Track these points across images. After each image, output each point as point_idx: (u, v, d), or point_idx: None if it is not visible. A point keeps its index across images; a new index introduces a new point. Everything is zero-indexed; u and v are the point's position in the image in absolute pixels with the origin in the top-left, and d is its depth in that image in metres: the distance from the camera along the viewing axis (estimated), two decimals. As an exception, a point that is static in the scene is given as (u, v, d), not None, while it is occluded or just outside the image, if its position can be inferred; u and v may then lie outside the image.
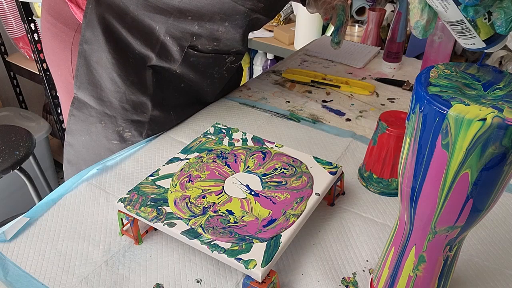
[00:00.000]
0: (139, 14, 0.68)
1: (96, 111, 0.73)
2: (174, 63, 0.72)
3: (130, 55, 0.70)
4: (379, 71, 1.02)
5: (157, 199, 0.54)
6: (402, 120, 0.59)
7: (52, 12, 0.73)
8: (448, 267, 0.40)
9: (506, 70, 0.36)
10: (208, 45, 0.72)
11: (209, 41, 0.71)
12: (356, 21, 1.54)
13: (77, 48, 0.71)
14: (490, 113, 0.28)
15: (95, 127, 0.74)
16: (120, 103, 0.72)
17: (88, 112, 0.74)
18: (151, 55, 0.70)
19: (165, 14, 0.67)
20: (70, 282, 0.49)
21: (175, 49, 0.71)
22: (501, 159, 0.30)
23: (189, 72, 0.75)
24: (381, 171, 0.61)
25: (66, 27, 0.72)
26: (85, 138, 0.76)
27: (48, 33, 0.75)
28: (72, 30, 0.71)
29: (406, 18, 0.96)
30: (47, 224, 0.57)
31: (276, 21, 1.76)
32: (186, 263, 0.52)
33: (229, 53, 0.77)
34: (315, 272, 0.50)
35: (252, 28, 0.73)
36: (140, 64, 0.71)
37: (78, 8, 0.69)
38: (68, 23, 0.71)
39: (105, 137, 0.74)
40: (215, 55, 0.75)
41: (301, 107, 0.86)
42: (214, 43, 0.72)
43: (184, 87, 0.79)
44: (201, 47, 0.72)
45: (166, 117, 0.77)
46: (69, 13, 0.71)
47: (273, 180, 0.57)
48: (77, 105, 0.74)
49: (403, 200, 0.38)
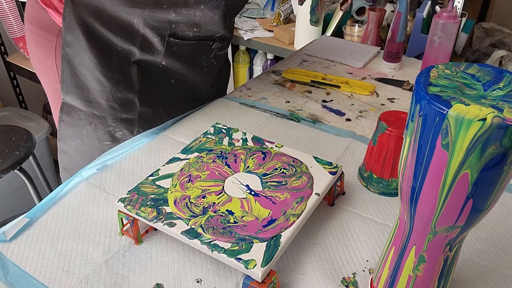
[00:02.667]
0: (115, 11, 0.68)
1: (85, 113, 0.73)
2: (157, 54, 0.72)
3: (112, 53, 0.70)
4: (379, 71, 1.02)
5: (157, 199, 0.54)
6: (402, 120, 0.59)
7: (33, 21, 0.73)
8: (448, 267, 0.40)
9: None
10: (189, 32, 0.72)
11: (188, 27, 0.71)
12: (356, 21, 1.54)
13: (61, 53, 0.71)
14: (490, 113, 0.28)
15: (86, 130, 0.74)
16: (107, 102, 0.72)
17: (77, 116, 0.74)
18: (133, 49, 0.71)
19: (140, 6, 0.67)
20: (70, 282, 0.49)
21: (156, 40, 0.71)
22: (501, 159, 0.30)
23: (175, 62, 0.75)
24: (381, 171, 0.61)
25: (48, 33, 0.72)
26: (77, 143, 0.76)
27: (32, 42, 0.75)
28: (54, 36, 0.72)
29: (406, 18, 0.95)
30: (47, 224, 0.57)
31: (276, 21, 1.76)
32: (186, 263, 0.52)
33: (213, 39, 0.76)
34: (315, 272, 0.50)
35: (232, 9, 0.73)
36: (123, 61, 0.72)
37: (57, 12, 0.70)
38: (49, 29, 0.72)
39: (96, 139, 0.74)
40: (198, 41, 0.75)
41: (301, 107, 0.86)
42: (195, 29, 0.72)
43: (174, 83, 0.79)
44: (182, 34, 0.72)
45: (155, 113, 0.77)
46: (49, 19, 0.71)
47: (273, 180, 0.57)
48: (66, 110, 0.74)
49: (403, 200, 0.38)
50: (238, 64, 1.88)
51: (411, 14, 1.45)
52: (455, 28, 0.87)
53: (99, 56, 0.69)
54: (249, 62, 1.91)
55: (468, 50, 1.76)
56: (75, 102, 0.72)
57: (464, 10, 1.36)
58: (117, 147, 0.70)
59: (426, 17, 1.31)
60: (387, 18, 1.48)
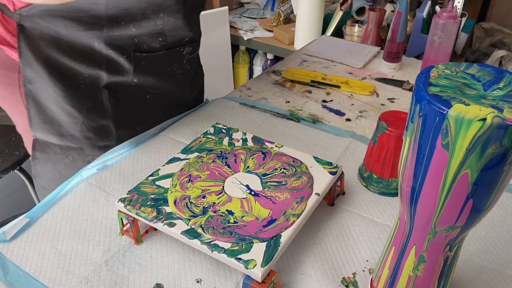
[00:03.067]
0: (72, 37, 0.63)
1: (60, 147, 0.70)
2: (127, 74, 0.68)
3: (79, 82, 0.66)
4: (379, 71, 1.02)
5: (157, 199, 0.54)
6: (402, 120, 0.59)
7: None
8: (448, 267, 0.40)
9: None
10: (154, 43, 0.68)
11: (152, 38, 0.68)
12: (356, 21, 1.54)
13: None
14: (490, 113, 0.28)
15: (63, 164, 0.70)
16: (81, 133, 0.68)
17: (52, 151, 0.70)
18: (100, 74, 0.67)
19: (97, 28, 0.63)
20: (70, 282, 0.49)
21: (122, 59, 0.67)
22: (501, 159, 0.30)
23: (147, 77, 0.71)
24: (381, 171, 0.61)
25: (8, 71, 0.68)
26: (56, 177, 0.72)
27: None
28: (15, 73, 0.68)
29: (406, 18, 0.95)
30: (47, 224, 0.57)
31: (276, 21, 1.76)
32: (186, 263, 0.52)
33: (182, 44, 0.72)
34: (315, 272, 0.50)
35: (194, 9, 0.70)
36: (92, 88, 0.68)
37: (12, 48, 0.66)
38: (9, 66, 0.68)
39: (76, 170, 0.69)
40: (167, 51, 0.71)
41: (301, 107, 0.86)
42: (160, 39, 0.68)
43: (150, 98, 0.75)
44: (148, 47, 0.68)
45: (133, 134, 0.73)
46: (6, 56, 0.67)
47: (273, 180, 0.57)
48: (39, 147, 0.70)
49: (403, 200, 0.38)
50: (238, 64, 1.88)
51: (411, 14, 1.45)
52: (455, 28, 0.87)
53: (65, 88, 0.65)
54: (249, 62, 1.91)
55: (468, 50, 1.76)
56: (47, 137, 0.69)
57: (464, 10, 1.36)
58: (117, 147, 0.70)
59: (426, 17, 1.31)
60: (387, 18, 1.48)
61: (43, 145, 0.71)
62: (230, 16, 1.81)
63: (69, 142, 0.70)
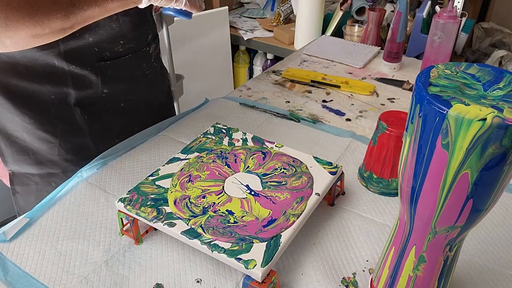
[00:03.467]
0: (28, 59, 0.60)
1: (40, 176, 0.67)
2: (95, 86, 0.66)
3: (47, 104, 0.63)
4: (379, 71, 1.02)
5: (157, 199, 0.54)
6: (402, 120, 0.59)
7: None
8: (448, 267, 0.40)
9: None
10: (117, 47, 0.65)
11: (113, 43, 0.65)
12: (356, 21, 1.54)
13: None
14: (490, 113, 0.28)
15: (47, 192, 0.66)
16: (60, 157, 0.66)
17: (33, 181, 0.67)
18: (68, 91, 0.64)
19: (51, 45, 0.59)
20: (70, 282, 0.49)
21: (87, 72, 0.64)
22: (501, 159, 0.30)
23: (118, 85, 0.68)
24: (381, 171, 0.61)
25: None
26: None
27: None
28: None
29: (406, 18, 0.95)
30: (47, 224, 0.57)
31: (276, 21, 1.76)
32: (186, 263, 0.52)
33: (148, 43, 0.70)
34: (315, 272, 0.50)
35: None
36: (62, 108, 0.65)
37: None
38: None
39: None
40: (134, 54, 0.68)
41: (301, 107, 0.86)
42: (121, 42, 0.65)
43: (125, 106, 0.72)
44: (111, 54, 0.65)
45: (113, 146, 0.70)
46: None
47: (273, 180, 0.57)
48: (17, 181, 0.67)
49: (403, 200, 0.38)
50: (238, 64, 1.88)
51: (411, 14, 1.45)
52: (455, 28, 0.87)
53: (33, 114, 0.62)
54: (249, 62, 1.91)
55: (468, 50, 1.76)
56: (24, 169, 0.66)
57: (464, 10, 1.36)
58: (117, 147, 0.70)
59: (426, 17, 1.31)
60: (387, 18, 1.48)
61: (21, 178, 0.67)
62: (230, 16, 1.81)
63: (49, 168, 0.67)
